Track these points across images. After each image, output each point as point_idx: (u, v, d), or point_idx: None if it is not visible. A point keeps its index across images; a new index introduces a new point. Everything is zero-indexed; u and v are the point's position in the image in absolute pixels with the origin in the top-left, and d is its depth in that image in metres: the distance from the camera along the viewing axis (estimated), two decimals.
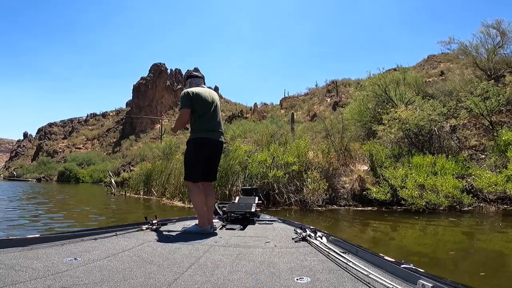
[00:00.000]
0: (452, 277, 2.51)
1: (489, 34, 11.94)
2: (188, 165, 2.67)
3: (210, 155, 2.72)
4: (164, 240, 2.20)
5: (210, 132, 2.67)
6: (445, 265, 2.93)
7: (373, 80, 11.55)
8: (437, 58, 29.91)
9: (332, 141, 9.11)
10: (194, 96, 2.63)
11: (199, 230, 2.51)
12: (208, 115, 2.67)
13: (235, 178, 7.92)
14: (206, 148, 2.66)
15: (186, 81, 2.89)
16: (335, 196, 7.45)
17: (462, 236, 4.34)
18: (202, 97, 2.67)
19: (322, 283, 1.27)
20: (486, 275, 2.63)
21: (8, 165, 63.22)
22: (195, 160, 2.65)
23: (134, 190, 12.35)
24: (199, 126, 2.66)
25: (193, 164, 2.65)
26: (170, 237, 2.29)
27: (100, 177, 27.38)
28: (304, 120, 25.86)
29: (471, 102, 7.95)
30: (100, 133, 55.16)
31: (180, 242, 2.13)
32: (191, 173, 2.65)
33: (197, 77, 2.84)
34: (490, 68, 11.47)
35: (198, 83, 2.80)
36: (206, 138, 2.65)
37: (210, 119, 2.69)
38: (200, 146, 2.64)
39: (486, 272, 2.71)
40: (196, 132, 2.66)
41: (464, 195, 6.01)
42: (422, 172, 6.51)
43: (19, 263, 1.44)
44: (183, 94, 2.67)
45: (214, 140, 2.70)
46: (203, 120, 2.66)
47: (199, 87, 2.75)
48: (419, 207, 5.95)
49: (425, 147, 8.03)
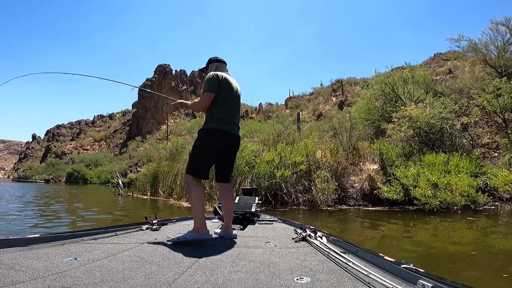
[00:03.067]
0: (480, 280, 2.43)
1: (499, 31, 11.79)
2: (195, 157, 2.31)
3: (227, 150, 2.40)
4: (164, 240, 2.18)
5: (229, 125, 2.35)
6: (470, 266, 2.82)
7: (381, 78, 11.41)
8: (444, 56, 29.57)
9: (340, 140, 8.99)
10: (223, 81, 2.34)
11: (197, 236, 2.14)
12: (230, 105, 2.38)
13: (242, 178, 7.86)
14: (223, 141, 2.33)
15: (209, 65, 2.54)
16: (344, 195, 7.33)
17: (482, 236, 4.20)
18: (230, 83, 2.39)
19: (322, 283, 1.27)
20: (509, 276, 2.51)
21: (17, 167, 64.26)
22: (207, 153, 2.31)
23: (141, 191, 12.37)
24: (218, 116, 2.32)
25: (203, 157, 2.30)
26: (170, 237, 2.27)
27: (108, 178, 27.66)
28: (310, 120, 25.75)
29: (484, 99, 7.77)
30: (107, 135, 55.75)
31: (180, 242, 2.11)
32: (198, 167, 2.28)
33: (223, 62, 2.52)
34: (501, 65, 11.26)
35: (223, 69, 2.49)
36: (224, 130, 2.31)
37: (231, 110, 2.38)
38: (215, 139, 2.30)
39: (509, 274, 2.60)
40: (213, 122, 2.32)
41: (479, 194, 5.86)
42: (435, 171, 6.37)
43: (19, 263, 1.44)
44: (212, 76, 2.34)
45: (233, 134, 2.38)
46: (224, 109, 2.34)
47: (227, 74, 2.46)
48: (432, 207, 5.81)
49: (436, 145, 7.88)
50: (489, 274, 2.64)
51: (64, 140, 63.68)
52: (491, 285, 2.35)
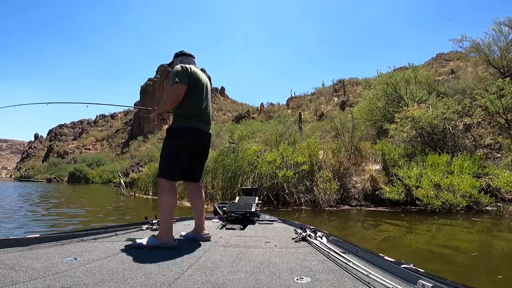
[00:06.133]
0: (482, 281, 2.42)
1: (502, 32, 11.76)
2: (166, 160, 2.14)
3: (197, 149, 2.25)
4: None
5: (199, 122, 2.19)
6: (470, 267, 2.81)
7: (383, 78, 11.39)
8: (446, 56, 29.47)
9: (342, 141, 8.98)
10: (192, 74, 2.17)
11: (159, 243, 1.95)
12: (200, 101, 2.21)
13: (244, 178, 7.87)
14: (194, 140, 2.17)
15: (174, 60, 2.35)
16: (346, 196, 7.33)
17: (484, 237, 4.19)
18: (199, 77, 2.22)
19: (322, 283, 1.27)
20: (504, 277, 2.50)
21: (20, 166, 64.55)
22: (178, 154, 2.12)
23: (143, 190, 12.39)
24: (187, 112, 2.15)
25: (174, 159, 2.12)
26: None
27: (110, 177, 27.75)
28: (311, 120, 25.72)
29: (487, 99, 7.75)
30: (109, 134, 55.95)
31: (180, 242, 2.12)
32: (169, 169, 2.11)
33: (189, 56, 2.35)
34: (504, 66, 11.22)
35: (191, 62, 2.32)
36: (194, 128, 2.16)
37: (201, 106, 2.22)
38: (187, 137, 2.13)
39: (505, 275, 2.59)
40: (181, 120, 2.15)
41: (482, 195, 5.84)
42: (437, 172, 6.36)
43: (19, 263, 1.44)
44: (180, 68, 2.16)
45: (204, 131, 2.22)
46: (193, 105, 2.17)
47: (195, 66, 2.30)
48: (434, 207, 5.80)
49: (439, 146, 7.86)
50: (487, 275, 2.63)
51: (66, 139, 63.94)
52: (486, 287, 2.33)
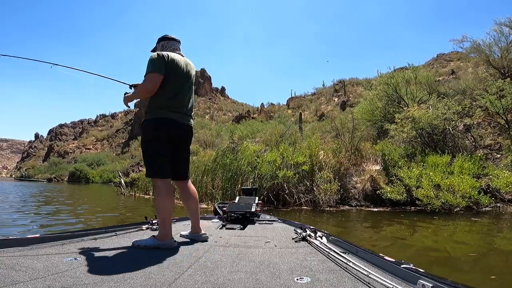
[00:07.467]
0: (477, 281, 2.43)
1: (502, 32, 11.77)
2: (150, 157, 1.99)
3: (178, 143, 2.08)
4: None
5: (177, 113, 2.03)
6: (469, 267, 2.82)
7: (383, 79, 11.41)
8: (447, 56, 29.46)
9: (342, 141, 9.00)
10: (170, 62, 1.99)
11: (158, 244, 1.91)
12: (179, 90, 2.05)
13: (244, 178, 7.88)
14: (170, 131, 2.00)
15: (157, 45, 2.19)
16: (346, 196, 7.34)
17: (482, 237, 4.20)
18: (178, 65, 2.04)
19: (322, 283, 1.27)
20: (497, 277, 2.51)
21: (20, 166, 64.61)
22: (159, 148, 1.98)
23: (143, 190, 12.40)
24: (163, 103, 1.99)
25: (157, 154, 1.97)
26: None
27: (110, 177, 27.74)
28: (312, 120, 25.72)
29: (487, 100, 7.76)
30: (109, 134, 55.95)
31: (180, 242, 2.12)
32: (157, 167, 1.97)
33: (172, 40, 2.17)
34: (504, 66, 11.24)
35: (174, 47, 2.15)
36: (171, 119, 1.99)
37: (180, 96, 2.05)
38: (163, 130, 1.97)
39: (499, 275, 2.59)
40: (157, 111, 1.99)
41: (481, 196, 5.85)
42: (437, 172, 6.37)
43: (19, 263, 1.44)
44: (155, 56, 1.99)
45: (182, 123, 2.06)
46: (171, 95, 2.01)
47: (175, 53, 2.10)
48: (434, 208, 5.81)
49: (439, 146, 7.87)
50: (484, 275, 2.64)
51: (66, 139, 64.01)
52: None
